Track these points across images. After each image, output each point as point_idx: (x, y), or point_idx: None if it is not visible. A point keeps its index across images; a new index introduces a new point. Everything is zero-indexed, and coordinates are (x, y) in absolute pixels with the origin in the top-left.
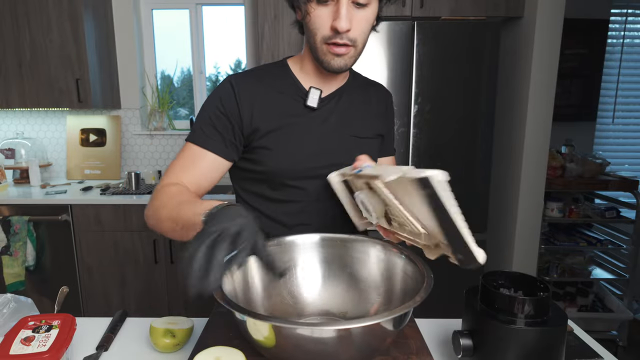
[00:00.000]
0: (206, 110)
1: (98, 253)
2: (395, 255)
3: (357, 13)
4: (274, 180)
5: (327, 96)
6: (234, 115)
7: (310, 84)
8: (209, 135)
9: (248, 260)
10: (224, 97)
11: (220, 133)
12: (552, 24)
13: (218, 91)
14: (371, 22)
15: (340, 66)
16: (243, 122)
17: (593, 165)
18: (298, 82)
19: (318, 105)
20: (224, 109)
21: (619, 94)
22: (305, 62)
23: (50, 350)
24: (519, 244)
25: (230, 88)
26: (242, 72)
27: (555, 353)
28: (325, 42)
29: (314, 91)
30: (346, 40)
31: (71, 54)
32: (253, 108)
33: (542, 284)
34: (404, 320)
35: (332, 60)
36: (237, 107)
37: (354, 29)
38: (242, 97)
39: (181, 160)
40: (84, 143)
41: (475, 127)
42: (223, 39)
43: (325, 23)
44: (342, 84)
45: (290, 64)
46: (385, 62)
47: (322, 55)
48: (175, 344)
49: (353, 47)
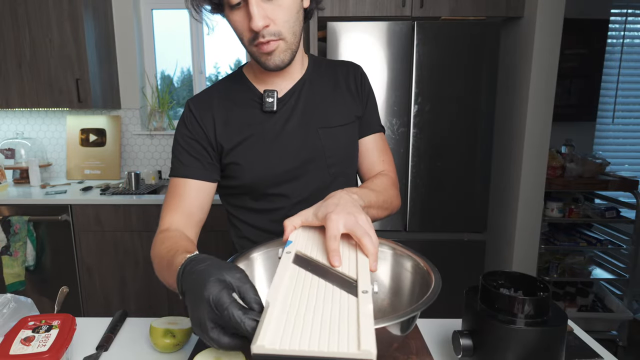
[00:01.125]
0: (177, 140)
1: (98, 253)
2: (402, 256)
3: (270, 6)
4: (252, 192)
5: (285, 94)
6: (201, 137)
7: (266, 86)
8: (187, 165)
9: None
10: (187, 122)
11: (197, 158)
12: (552, 23)
13: (182, 119)
14: (292, 8)
15: (277, 63)
16: (210, 141)
17: (593, 165)
18: (255, 88)
19: (278, 106)
20: (191, 134)
21: (619, 94)
22: (254, 66)
23: (50, 351)
24: (518, 243)
25: (190, 113)
26: (200, 93)
27: (555, 353)
28: (251, 44)
29: (268, 94)
30: (269, 36)
31: (71, 54)
32: (215, 126)
33: (542, 283)
34: (411, 324)
35: (266, 60)
36: (201, 129)
37: (273, 23)
38: (202, 119)
39: (169, 198)
40: (83, 143)
41: (475, 127)
42: (223, 38)
43: (244, 26)
44: (301, 76)
45: (245, 72)
46: (385, 62)
47: (256, 57)
48: (175, 344)
49: (281, 40)
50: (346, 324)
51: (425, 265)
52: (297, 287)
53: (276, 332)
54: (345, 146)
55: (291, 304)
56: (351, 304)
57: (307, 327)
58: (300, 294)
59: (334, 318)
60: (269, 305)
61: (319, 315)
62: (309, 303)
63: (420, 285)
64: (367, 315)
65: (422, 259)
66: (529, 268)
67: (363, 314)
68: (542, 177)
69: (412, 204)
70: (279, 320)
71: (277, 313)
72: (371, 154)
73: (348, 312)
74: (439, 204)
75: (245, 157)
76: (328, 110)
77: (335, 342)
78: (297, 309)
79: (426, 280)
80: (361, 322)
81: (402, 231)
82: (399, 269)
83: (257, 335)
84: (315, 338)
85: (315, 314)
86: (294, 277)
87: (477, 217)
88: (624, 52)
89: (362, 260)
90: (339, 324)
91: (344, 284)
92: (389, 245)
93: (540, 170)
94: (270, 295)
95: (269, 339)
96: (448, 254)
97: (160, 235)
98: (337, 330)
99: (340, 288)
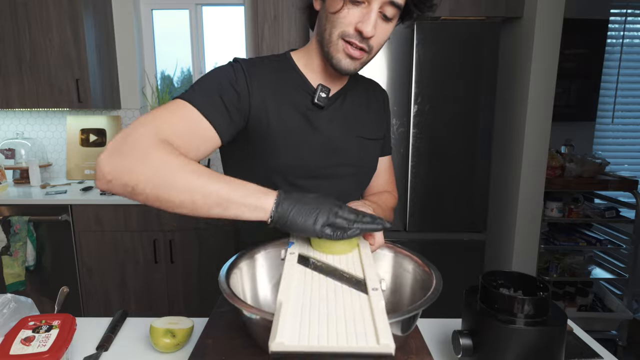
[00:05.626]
0: (216, 77)
1: (98, 253)
2: (402, 256)
3: (381, 24)
4: (278, 178)
5: (333, 95)
6: (244, 97)
7: (316, 81)
8: (213, 104)
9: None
10: (237, 72)
11: (227, 108)
12: (552, 23)
13: (230, 66)
14: (389, 35)
15: (350, 69)
16: (251, 109)
17: (593, 165)
18: (305, 78)
19: (325, 104)
20: (237, 85)
21: (618, 94)
22: (311, 57)
23: (51, 351)
24: (518, 243)
25: (241, 68)
26: (249, 59)
27: (555, 353)
28: (343, 38)
29: (323, 89)
30: (365, 45)
31: (71, 54)
32: (264, 98)
33: (541, 283)
34: (412, 324)
35: (343, 59)
36: (248, 91)
37: (375, 37)
38: (253, 83)
39: (172, 118)
40: (84, 143)
41: (475, 127)
42: (223, 39)
43: (351, 22)
44: (345, 84)
45: (295, 58)
46: (385, 62)
47: (335, 51)
48: (176, 344)
49: (367, 54)
50: (361, 320)
51: (425, 265)
52: (306, 286)
53: (293, 330)
54: (373, 159)
55: (303, 302)
56: (363, 301)
57: (322, 323)
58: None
59: (348, 314)
60: (282, 304)
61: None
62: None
63: (420, 285)
64: (381, 310)
65: (422, 260)
66: (529, 268)
67: (377, 310)
68: (542, 177)
69: (412, 204)
70: (294, 318)
71: (291, 311)
72: (383, 174)
73: (361, 309)
74: (438, 204)
75: (285, 140)
76: (366, 122)
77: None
78: (310, 307)
79: (426, 280)
80: (376, 318)
81: (402, 231)
82: (399, 270)
83: (274, 333)
84: (332, 334)
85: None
86: (302, 277)
87: (477, 217)
88: (624, 52)
89: (366, 260)
90: (354, 320)
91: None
92: (389, 247)
93: (540, 170)
94: (282, 294)
95: (287, 336)
96: (448, 254)
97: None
98: (353, 326)
99: (350, 286)
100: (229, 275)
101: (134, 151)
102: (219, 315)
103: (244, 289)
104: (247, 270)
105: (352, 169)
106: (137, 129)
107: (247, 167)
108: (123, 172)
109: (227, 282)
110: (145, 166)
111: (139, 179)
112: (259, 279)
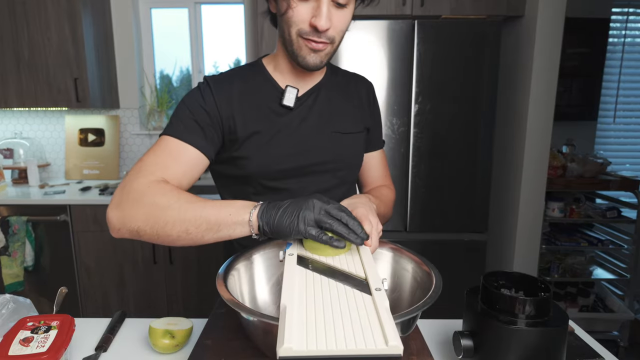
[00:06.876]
0: (185, 104)
1: (97, 253)
2: (403, 257)
3: (336, 12)
4: (257, 183)
5: (304, 94)
6: (213, 113)
7: (286, 82)
8: (189, 129)
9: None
10: (204, 93)
11: (202, 128)
12: (553, 22)
13: (198, 89)
14: (349, 21)
15: (316, 63)
16: (223, 122)
17: (594, 165)
18: (274, 81)
19: (295, 104)
20: (205, 104)
21: (620, 94)
22: (279, 60)
23: (49, 351)
24: (519, 244)
25: (207, 87)
26: (219, 74)
27: (557, 353)
28: (302, 36)
29: (290, 90)
30: (324, 38)
31: (69, 53)
32: (232, 110)
33: (543, 284)
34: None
35: (307, 56)
36: (216, 106)
37: (333, 28)
38: (219, 98)
39: (159, 155)
40: (82, 143)
41: (476, 126)
42: (222, 37)
43: (304, 19)
44: (319, 80)
45: (265, 63)
46: (385, 61)
47: (298, 49)
48: (175, 344)
49: (330, 45)
50: (367, 322)
51: (426, 266)
52: (309, 288)
53: (300, 334)
54: (353, 154)
55: (307, 305)
56: (367, 302)
57: (329, 327)
58: (314, 294)
59: (354, 316)
60: (286, 308)
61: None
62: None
63: (420, 286)
64: (386, 311)
65: (422, 260)
66: (530, 268)
67: (382, 311)
68: (543, 176)
69: (413, 204)
70: (300, 322)
71: (296, 315)
72: (377, 168)
73: (366, 310)
74: (439, 204)
75: (257, 146)
76: (342, 116)
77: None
78: (314, 310)
79: (426, 280)
80: (382, 319)
81: (403, 231)
82: (399, 270)
83: (281, 339)
84: (340, 337)
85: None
86: (303, 278)
87: (478, 217)
88: (625, 51)
89: (366, 260)
90: (360, 321)
91: (354, 282)
92: (390, 247)
93: (541, 170)
94: (285, 297)
95: (295, 341)
96: (449, 254)
97: (156, 186)
98: (360, 328)
99: (352, 287)
100: (226, 277)
101: (129, 200)
102: (218, 316)
103: (241, 291)
104: (244, 271)
105: (330, 166)
106: (130, 179)
107: (235, 182)
108: (125, 220)
109: (225, 284)
110: (139, 211)
111: (138, 224)
112: (256, 280)
